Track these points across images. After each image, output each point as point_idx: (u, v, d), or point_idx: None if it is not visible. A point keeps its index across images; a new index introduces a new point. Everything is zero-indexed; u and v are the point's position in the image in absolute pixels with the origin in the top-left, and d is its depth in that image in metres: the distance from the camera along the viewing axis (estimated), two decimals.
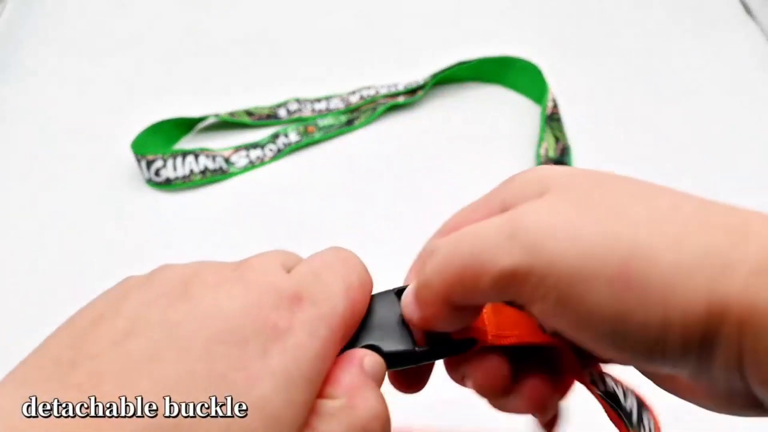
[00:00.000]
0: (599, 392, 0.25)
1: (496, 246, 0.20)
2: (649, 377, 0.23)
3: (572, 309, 0.19)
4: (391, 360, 0.24)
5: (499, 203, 0.23)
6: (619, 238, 0.19)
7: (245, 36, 0.69)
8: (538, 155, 0.57)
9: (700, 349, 0.19)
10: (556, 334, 0.23)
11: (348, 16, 0.71)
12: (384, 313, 0.25)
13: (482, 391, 0.25)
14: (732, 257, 0.18)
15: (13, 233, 0.53)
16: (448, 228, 0.25)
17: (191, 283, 0.21)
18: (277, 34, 0.69)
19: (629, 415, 0.25)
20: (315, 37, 0.69)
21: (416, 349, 0.24)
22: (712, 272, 0.18)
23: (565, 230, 0.19)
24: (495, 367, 0.24)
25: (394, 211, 0.54)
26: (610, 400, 0.25)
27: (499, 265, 0.20)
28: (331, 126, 0.60)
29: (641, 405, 0.25)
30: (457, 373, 0.25)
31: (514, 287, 0.20)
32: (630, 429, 0.25)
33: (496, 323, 0.25)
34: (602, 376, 0.26)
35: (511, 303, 0.22)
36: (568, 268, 0.19)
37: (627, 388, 0.26)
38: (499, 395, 0.25)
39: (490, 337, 0.24)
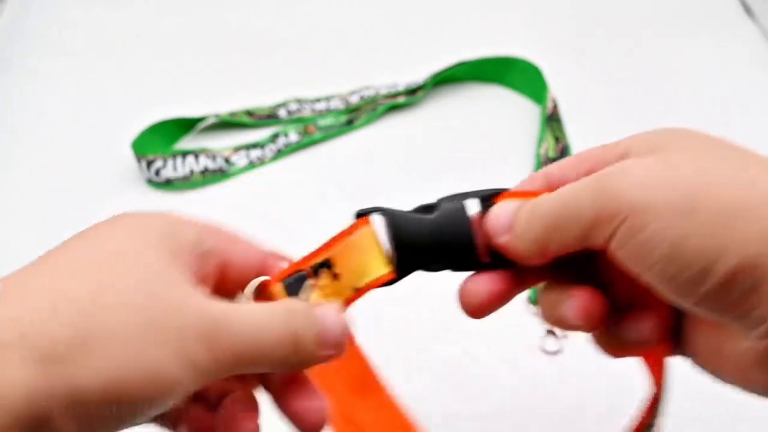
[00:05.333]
0: None
1: (587, 196, 0.23)
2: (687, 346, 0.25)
3: (638, 239, 0.22)
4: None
5: (614, 156, 0.26)
6: (695, 176, 0.22)
7: (245, 36, 0.69)
8: (538, 155, 0.57)
9: (749, 277, 0.20)
10: None
11: (348, 16, 0.71)
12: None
13: (584, 323, 0.26)
14: None
15: (14, 233, 0.53)
16: (573, 161, 0.28)
17: None
18: (277, 34, 0.69)
19: None
20: (315, 37, 0.69)
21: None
22: None
23: (646, 174, 0.22)
24: (591, 296, 0.25)
25: None
26: None
27: (587, 211, 0.23)
28: (331, 126, 0.60)
29: None
30: (553, 313, 0.26)
31: (596, 228, 0.23)
32: None
33: None
34: None
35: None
36: (640, 201, 0.22)
37: None
38: (600, 325, 0.26)
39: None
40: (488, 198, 0.27)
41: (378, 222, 0.27)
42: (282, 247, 0.29)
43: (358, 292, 0.27)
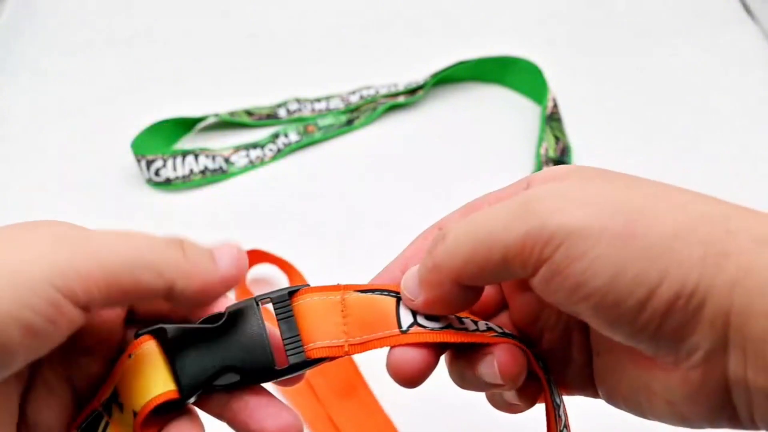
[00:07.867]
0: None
1: (510, 217, 0.21)
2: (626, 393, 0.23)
3: (575, 267, 0.20)
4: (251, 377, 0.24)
5: (520, 190, 0.24)
6: (626, 201, 0.20)
7: (245, 36, 0.69)
8: (538, 155, 0.56)
9: (690, 303, 0.19)
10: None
11: (348, 16, 0.71)
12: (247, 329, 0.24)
13: (508, 380, 0.24)
14: (731, 224, 0.20)
15: None
16: (463, 212, 0.26)
17: None
18: (277, 34, 0.69)
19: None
20: (315, 38, 0.69)
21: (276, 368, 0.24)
22: (711, 230, 0.20)
23: (576, 197, 0.20)
24: (515, 354, 0.24)
25: (394, 211, 0.54)
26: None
27: (512, 234, 0.20)
28: (331, 126, 0.60)
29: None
30: (468, 380, 0.25)
31: (524, 254, 0.20)
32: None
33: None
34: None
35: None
36: (576, 226, 0.20)
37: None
38: (520, 382, 0.24)
39: (347, 347, 0.24)
40: (282, 299, 0.24)
41: (154, 342, 0.24)
42: (282, 248, 0.29)
43: (139, 415, 0.23)
